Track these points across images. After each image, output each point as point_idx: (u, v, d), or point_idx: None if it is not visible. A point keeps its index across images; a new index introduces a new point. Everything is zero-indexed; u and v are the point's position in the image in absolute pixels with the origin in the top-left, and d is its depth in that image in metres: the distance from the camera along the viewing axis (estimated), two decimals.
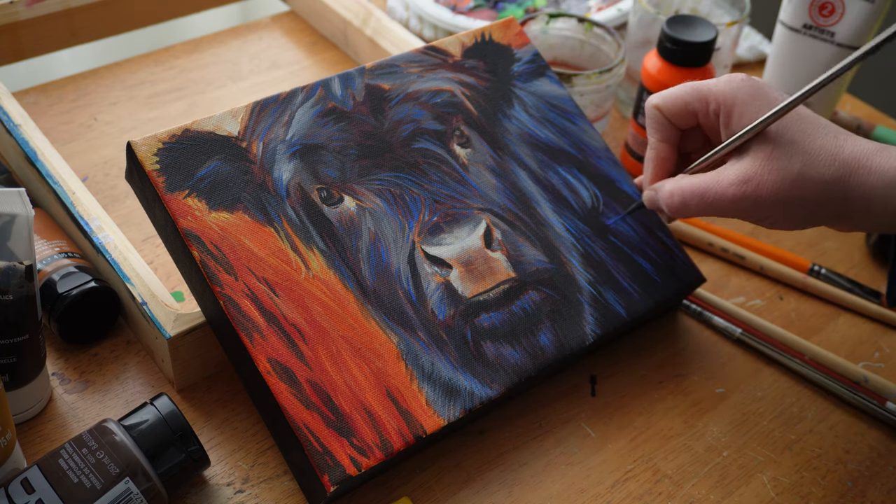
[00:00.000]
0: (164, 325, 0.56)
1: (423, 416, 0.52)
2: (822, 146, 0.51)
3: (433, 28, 0.87)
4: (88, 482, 0.47)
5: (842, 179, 0.50)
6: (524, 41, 0.68)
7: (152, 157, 0.54)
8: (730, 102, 0.54)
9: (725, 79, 0.55)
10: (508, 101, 0.65)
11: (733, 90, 0.54)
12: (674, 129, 0.58)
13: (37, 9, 0.77)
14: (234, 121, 0.57)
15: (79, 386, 0.58)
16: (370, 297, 0.55)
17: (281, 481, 0.55)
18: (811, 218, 0.52)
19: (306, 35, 0.89)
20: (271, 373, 0.51)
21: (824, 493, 0.57)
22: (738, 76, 0.55)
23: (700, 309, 0.66)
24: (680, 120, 0.57)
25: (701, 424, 0.60)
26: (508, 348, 0.56)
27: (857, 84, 1.09)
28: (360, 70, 0.62)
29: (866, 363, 0.65)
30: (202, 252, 0.52)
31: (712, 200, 0.53)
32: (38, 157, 0.64)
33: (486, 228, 0.59)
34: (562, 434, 0.58)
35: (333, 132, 0.59)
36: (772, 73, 0.79)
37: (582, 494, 0.55)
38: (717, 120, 0.55)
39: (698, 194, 0.54)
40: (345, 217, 0.56)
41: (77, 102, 0.79)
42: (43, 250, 0.60)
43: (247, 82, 0.83)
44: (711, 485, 0.57)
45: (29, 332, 0.52)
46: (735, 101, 0.54)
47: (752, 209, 0.52)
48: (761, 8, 1.12)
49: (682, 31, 0.70)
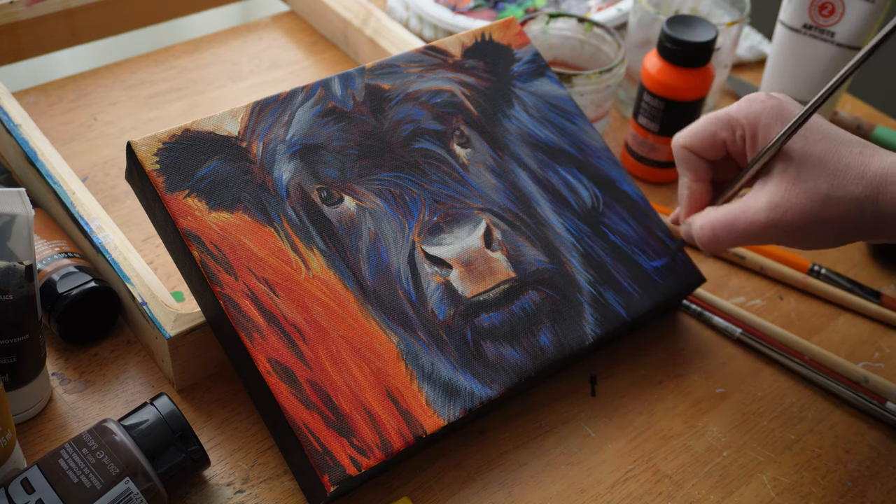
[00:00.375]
0: (164, 325, 0.56)
1: (423, 416, 0.52)
2: (847, 164, 0.50)
3: (433, 28, 0.87)
4: (88, 482, 0.47)
5: (871, 197, 0.49)
6: (524, 41, 0.68)
7: (152, 157, 0.54)
8: (753, 125, 0.53)
9: (746, 102, 0.54)
10: (508, 101, 0.65)
11: (756, 112, 0.53)
12: (705, 165, 0.57)
13: (37, 9, 0.77)
14: (234, 121, 0.57)
15: (79, 386, 0.58)
16: (370, 297, 0.55)
17: (281, 481, 0.55)
18: (843, 236, 0.51)
19: (306, 35, 0.89)
20: (271, 373, 0.51)
21: (824, 493, 0.57)
22: (759, 97, 0.54)
23: (700, 309, 0.66)
24: (710, 153, 0.56)
25: (701, 424, 0.60)
26: (508, 348, 0.56)
27: (857, 84, 1.09)
28: (360, 70, 0.62)
29: (866, 363, 0.65)
30: (202, 252, 0.52)
31: (743, 230, 0.52)
32: (38, 157, 0.64)
33: (486, 228, 0.59)
34: (562, 434, 0.58)
35: (333, 132, 0.59)
36: (772, 73, 0.79)
37: (582, 494, 0.55)
38: (745, 145, 0.54)
39: (728, 226, 0.53)
40: (345, 217, 0.56)
41: (77, 102, 0.79)
42: (43, 250, 0.60)
43: (247, 82, 0.83)
44: (711, 485, 0.57)
45: (29, 332, 0.52)
46: (759, 123, 0.53)
47: (784, 234, 0.51)
48: (761, 8, 1.12)
49: (682, 31, 0.70)
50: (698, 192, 0.58)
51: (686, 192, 0.58)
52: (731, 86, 0.88)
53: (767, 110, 0.53)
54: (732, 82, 0.88)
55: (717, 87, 0.82)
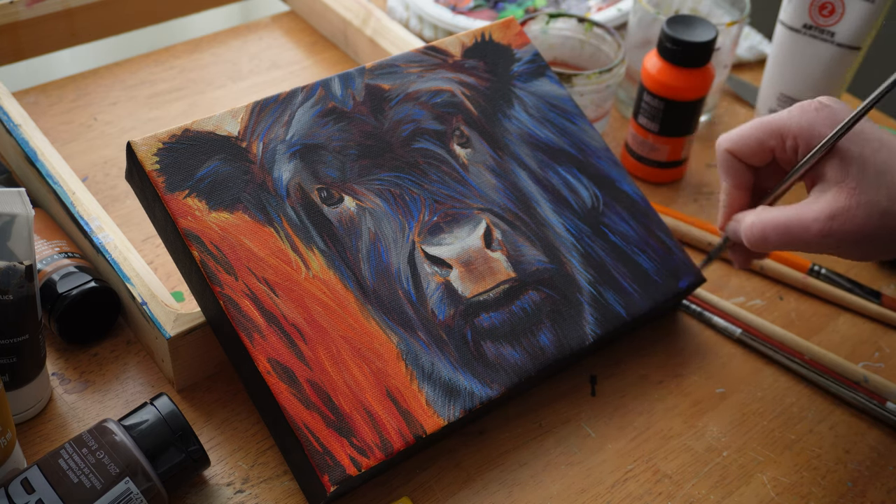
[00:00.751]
0: (164, 325, 0.56)
1: (423, 416, 0.52)
2: None
3: (433, 28, 0.87)
4: (88, 482, 0.47)
5: None
6: (524, 41, 0.68)
7: (152, 157, 0.54)
8: (807, 135, 0.52)
9: (798, 110, 0.53)
10: (508, 101, 0.65)
11: (810, 122, 0.52)
12: (747, 172, 0.56)
13: (37, 9, 0.77)
14: (234, 121, 0.57)
15: (79, 386, 0.58)
16: (370, 297, 0.55)
17: (281, 481, 0.55)
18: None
19: (306, 35, 0.89)
20: (271, 373, 0.51)
21: (824, 493, 0.57)
22: (811, 105, 0.53)
23: (700, 309, 0.66)
24: (755, 159, 0.55)
25: (701, 424, 0.60)
26: (508, 348, 0.56)
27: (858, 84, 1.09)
28: (360, 70, 0.62)
29: (866, 363, 0.65)
30: (202, 252, 0.52)
31: (796, 235, 0.51)
32: (38, 157, 0.64)
33: (486, 228, 0.59)
34: (562, 434, 0.58)
35: (333, 132, 0.59)
36: (772, 73, 0.79)
37: (582, 494, 0.55)
38: (796, 154, 0.53)
39: (781, 228, 0.52)
40: (345, 217, 0.56)
41: (77, 102, 0.79)
42: (43, 250, 0.60)
43: (247, 82, 0.83)
44: (711, 485, 0.57)
45: (29, 332, 0.52)
46: (813, 134, 0.52)
47: (838, 245, 0.51)
48: (761, 8, 1.12)
49: (682, 31, 0.70)
50: (737, 199, 0.57)
51: (726, 198, 0.57)
52: (731, 86, 0.88)
53: (822, 119, 0.52)
54: (732, 82, 0.88)
55: (717, 87, 0.82)
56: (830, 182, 0.51)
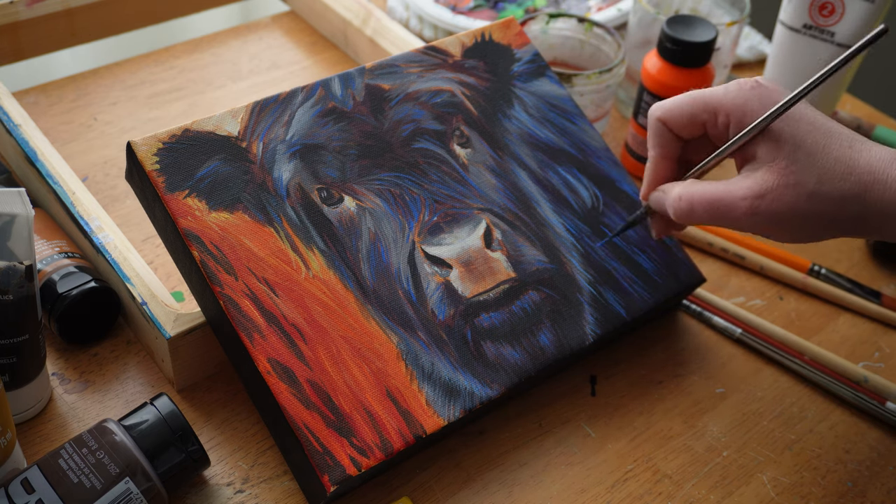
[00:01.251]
0: (164, 325, 0.56)
1: (423, 416, 0.52)
2: (837, 159, 0.49)
3: (433, 28, 0.87)
4: (88, 482, 0.47)
5: (858, 195, 0.48)
6: (524, 41, 0.68)
7: (152, 157, 0.54)
8: (740, 112, 0.52)
9: (735, 88, 0.53)
10: (508, 101, 0.65)
11: (744, 100, 0.52)
12: (676, 142, 0.56)
13: (37, 9, 0.77)
14: (234, 121, 0.57)
15: (79, 386, 0.58)
16: (370, 297, 0.55)
17: (281, 481, 0.55)
18: (825, 232, 0.51)
19: (306, 35, 0.89)
20: (271, 373, 0.51)
21: (824, 493, 0.57)
22: (747, 83, 0.53)
23: (700, 309, 0.66)
24: (685, 131, 0.55)
25: (701, 424, 0.60)
26: (508, 348, 0.56)
27: (858, 84, 1.09)
28: (360, 70, 0.62)
29: (866, 363, 0.65)
30: (202, 252, 0.52)
31: (723, 211, 0.51)
32: (38, 157, 0.64)
33: (486, 228, 0.59)
34: (562, 434, 0.58)
35: (333, 132, 0.59)
36: (772, 73, 0.79)
37: (582, 494, 0.55)
38: (727, 131, 0.53)
39: (707, 202, 0.52)
40: (345, 217, 0.56)
41: (77, 102, 0.79)
42: (43, 250, 0.60)
43: (247, 82, 0.83)
44: (711, 485, 0.57)
45: (29, 332, 0.52)
46: (745, 111, 0.52)
47: (764, 224, 0.51)
48: (761, 8, 1.12)
49: (682, 31, 0.70)
50: (663, 169, 0.56)
51: (652, 166, 0.57)
52: None
53: (756, 98, 0.52)
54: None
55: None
56: (761, 161, 0.51)
